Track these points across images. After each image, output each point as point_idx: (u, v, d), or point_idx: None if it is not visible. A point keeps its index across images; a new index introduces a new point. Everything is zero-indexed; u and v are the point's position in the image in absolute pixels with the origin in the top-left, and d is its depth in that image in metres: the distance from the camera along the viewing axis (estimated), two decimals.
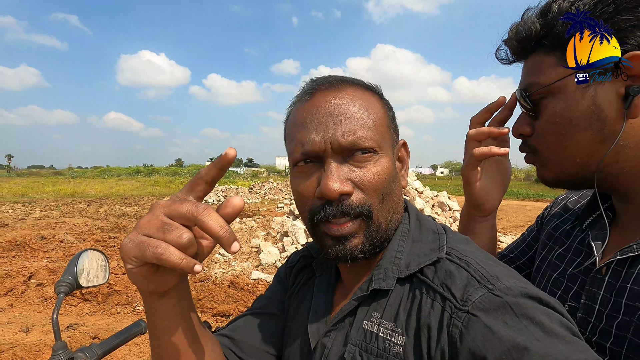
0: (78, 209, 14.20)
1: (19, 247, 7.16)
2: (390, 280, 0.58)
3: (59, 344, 0.80)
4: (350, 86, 0.61)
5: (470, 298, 0.49)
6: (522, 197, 23.36)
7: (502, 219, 12.64)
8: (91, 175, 53.84)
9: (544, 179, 0.72)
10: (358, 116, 0.57)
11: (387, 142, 0.61)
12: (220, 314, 4.56)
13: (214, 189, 19.89)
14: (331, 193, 0.54)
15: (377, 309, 0.58)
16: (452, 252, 0.57)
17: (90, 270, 0.99)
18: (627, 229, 0.66)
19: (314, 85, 0.62)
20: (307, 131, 0.58)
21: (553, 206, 0.92)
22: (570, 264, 0.73)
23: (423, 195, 8.31)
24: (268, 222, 9.30)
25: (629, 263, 0.59)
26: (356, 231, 0.57)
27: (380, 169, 0.58)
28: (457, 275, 0.52)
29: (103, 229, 9.54)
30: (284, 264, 0.87)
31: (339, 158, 0.57)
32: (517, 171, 66.96)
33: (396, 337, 0.54)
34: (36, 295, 5.11)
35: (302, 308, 0.73)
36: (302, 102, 0.61)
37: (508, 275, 0.51)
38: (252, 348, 0.72)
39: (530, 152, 0.72)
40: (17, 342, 3.80)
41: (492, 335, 0.44)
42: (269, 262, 5.98)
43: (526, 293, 0.47)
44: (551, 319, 0.45)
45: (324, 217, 0.57)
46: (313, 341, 0.64)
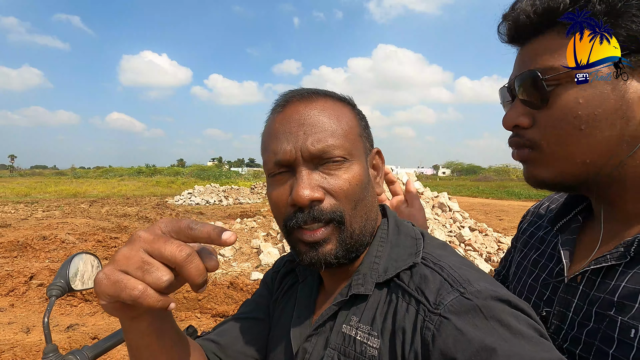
0: (80, 209, 14.26)
1: (21, 247, 7.20)
2: (368, 285, 0.59)
3: (49, 347, 0.81)
4: (322, 97, 0.63)
5: (442, 301, 0.50)
6: (524, 198, 23.31)
7: (504, 219, 12.61)
8: (93, 175, 54.07)
9: (537, 178, 0.64)
10: (328, 125, 0.59)
11: (358, 150, 0.62)
12: (220, 315, 4.58)
13: (215, 189, 19.93)
14: (302, 200, 0.55)
15: (355, 313, 0.59)
16: (428, 256, 0.58)
17: (84, 272, 1.00)
18: (607, 232, 0.65)
19: (287, 97, 0.64)
20: (279, 141, 0.59)
21: (527, 215, 0.93)
22: (543, 269, 0.73)
23: (423, 196, 8.30)
24: (269, 223, 9.31)
25: (604, 273, 0.59)
26: (329, 237, 0.58)
27: (351, 175, 0.59)
28: (431, 279, 0.54)
29: (105, 229, 9.57)
30: (271, 268, 0.88)
31: (310, 166, 0.58)
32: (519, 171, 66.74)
33: (372, 340, 0.55)
34: (37, 295, 5.14)
35: (285, 313, 0.74)
36: (275, 114, 0.63)
37: (480, 278, 0.52)
38: (237, 352, 0.73)
39: (528, 147, 0.63)
40: (17, 342, 3.82)
41: (462, 337, 0.46)
42: (269, 262, 5.99)
43: (496, 296, 0.49)
44: (519, 320, 0.46)
45: (295, 223, 0.58)
46: (295, 346, 0.66)
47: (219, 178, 40.57)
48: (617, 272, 0.57)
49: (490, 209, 16.74)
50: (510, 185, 38.65)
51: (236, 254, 6.58)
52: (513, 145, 0.66)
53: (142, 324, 0.51)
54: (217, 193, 19.43)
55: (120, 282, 0.41)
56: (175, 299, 4.80)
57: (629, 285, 0.55)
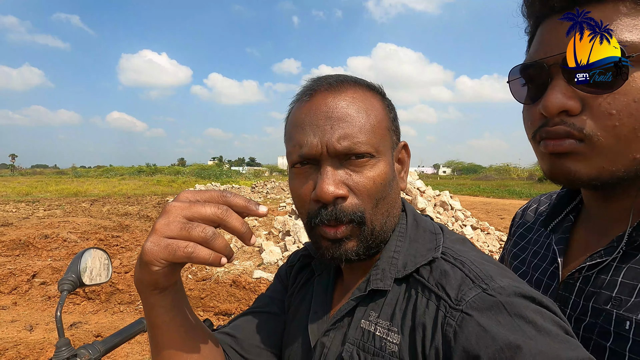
0: (81, 208, 14.27)
1: (23, 245, 7.21)
2: (387, 281, 0.59)
3: (62, 340, 0.81)
4: (351, 87, 0.60)
5: (464, 297, 0.49)
6: (525, 197, 23.29)
7: (505, 218, 12.60)
8: (94, 174, 54.05)
9: (574, 175, 0.55)
10: (356, 119, 0.57)
11: (385, 145, 0.60)
12: (222, 313, 4.58)
13: (217, 188, 19.94)
14: (326, 196, 0.55)
15: (374, 308, 0.59)
16: (448, 251, 0.57)
17: (93, 268, 1.00)
18: (601, 229, 0.64)
19: (314, 85, 0.61)
20: (305, 133, 0.58)
21: (516, 217, 0.92)
22: (536, 269, 0.73)
23: (425, 194, 8.30)
24: (270, 221, 9.31)
25: (599, 269, 0.59)
26: (350, 235, 0.58)
27: (376, 174, 0.58)
28: (451, 275, 0.53)
29: (106, 228, 9.58)
30: (285, 263, 0.87)
31: (335, 162, 0.57)
32: (520, 170, 66.76)
33: (392, 336, 0.54)
34: (40, 293, 5.14)
35: (302, 307, 0.73)
36: (301, 102, 0.61)
37: (502, 274, 0.51)
38: (252, 346, 0.73)
39: (577, 138, 0.53)
40: (21, 340, 3.83)
41: (485, 334, 0.45)
42: (271, 261, 5.99)
43: (520, 292, 0.48)
44: (544, 317, 0.45)
45: (320, 221, 0.57)
46: (313, 340, 0.65)
47: (219, 177, 40.62)
48: (612, 267, 0.58)
49: (491, 207, 16.73)
50: (510, 184, 38.66)
51: (238, 252, 6.58)
52: (557, 136, 0.55)
53: (167, 298, 0.54)
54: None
55: (172, 245, 0.45)
56: None
57: (623, 280, 0.55)
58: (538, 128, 0.59)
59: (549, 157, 0.58)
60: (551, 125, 0.56)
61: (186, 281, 5.22)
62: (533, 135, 0.60)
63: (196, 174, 46.93)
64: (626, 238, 0.56)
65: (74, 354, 0.82)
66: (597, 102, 0.52)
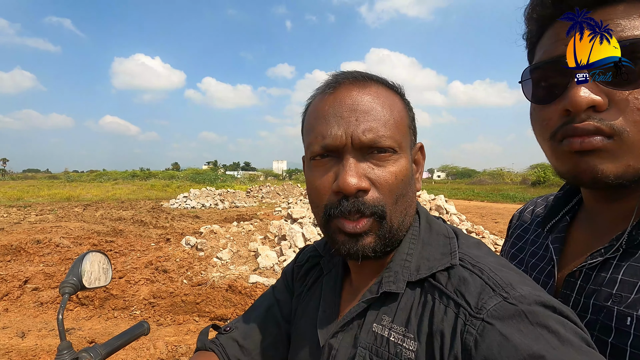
0: (74, 213, 14.10)
1: (15, 251, 7.09)
2: (400, 284, 0.58)
3: (64, 343, 0.80)
4: (375, 83, 0.60)
5: (485, 306, 0.48)
6: (519, 201, 23.45)
7: (499, 222, 12.68)
8: (87, 179, 53.49)
9: (601, 174, 0.54)
10: (381, 114, 0.57)
11: (406, 142, 0.60)
12: (218, 318, 4.54)
13: (211, 193, 19.83)
14: (349, 187, 0.54)
15: (387, 312, 0.58)
16: (465, 257, 0.56)
17: (92, 271, 0.99)
18: (601, 228, 0.65)
19: (339, 78, 0.61)
20: (329, 124, 0.57)
21: (514, 219, 0.94)
22: (534, 268, 0.74)
23: (420, 198, 8.34)
24: (266, 226, 9.27)
25: (599, 266, 0.61)
26: (369, 229, 0.57)
27: (398, 169, 0.57)
28: (471, 282, 0.52)
29: (99, 232, 9.46)
30: (292, 262, 0.86)
31: (358, 154, 0.56)
32: (514, 175, 67.28)
33: (408, 342, 0.53)
34: (32, 299, 5.06)
35: (310, 308, 0.73)
36: (324, 94, 0.60)
37: (522, 282, 0.50)
38: (260, 355, 0.74)
39: (607, 134, 0.52)
40: (12, 347, 3.76)
41: (507, 343, 0.44)
42: (267, 265, 5.96)
43: (541, 301, 0.47)
44: (566, 328, 0.45)
45: (340, 212, 0.56)
46: (322, 341, 0.65)
47: (214, 181, 40.37)
48: (612, 265, 0.59)
49: (485, 211, 16.83)
50: (504, 188, 38.90)
51: (234, 257, 6.54)
52: (585, 133, 0.53)
53: None
54: (213, 196, 19.34)
55: None
56: (173, 302, 4.76)
57: (623, 277, 0.56)
58: (559, 127, 0.57)
59: (572, 155, 0.56)
60: (578, 122, 0.54)
61: (181, 286, 5.17)
62: (552, 134, 0.59)
63: (191, 179, 46.61)
64: (626, 236, 0.58)
65: (76, 357, 0.81)
66: (625, 97, 0.51)
